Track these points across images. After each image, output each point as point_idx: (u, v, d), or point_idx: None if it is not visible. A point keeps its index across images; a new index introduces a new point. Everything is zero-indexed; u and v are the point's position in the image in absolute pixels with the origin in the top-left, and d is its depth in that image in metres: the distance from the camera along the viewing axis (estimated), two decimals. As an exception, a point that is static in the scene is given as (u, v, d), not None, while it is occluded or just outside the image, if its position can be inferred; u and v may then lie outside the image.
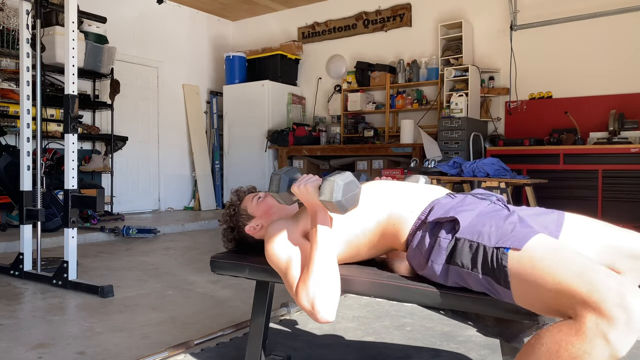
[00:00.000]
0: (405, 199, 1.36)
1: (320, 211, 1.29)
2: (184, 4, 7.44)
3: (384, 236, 1.36)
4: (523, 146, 5.21)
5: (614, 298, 0.91)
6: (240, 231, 1.61)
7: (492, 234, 1.13)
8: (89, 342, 2.02)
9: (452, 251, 1.18)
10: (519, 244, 1.08)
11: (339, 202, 1.20)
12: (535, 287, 1.03)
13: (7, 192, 4.80)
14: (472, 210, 1.24)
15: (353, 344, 2.02)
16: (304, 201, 1.32)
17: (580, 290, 0.95)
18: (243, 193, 1.66)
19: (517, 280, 1.06)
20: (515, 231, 1.12)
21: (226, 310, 2.47)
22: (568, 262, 1.01)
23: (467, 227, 1.18)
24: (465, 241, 1.16)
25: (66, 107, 2.84)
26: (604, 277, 0.96)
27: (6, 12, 5.19)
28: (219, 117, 7.77)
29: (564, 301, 0.97)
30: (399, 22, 6.61)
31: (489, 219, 1.19)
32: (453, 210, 1.24)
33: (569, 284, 0.97)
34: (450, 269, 1.18)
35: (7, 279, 3.11)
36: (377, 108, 6.65)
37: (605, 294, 0.92)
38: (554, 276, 1.00)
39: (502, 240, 1.10)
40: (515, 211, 1.27)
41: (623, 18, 5.14)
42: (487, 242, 1.12)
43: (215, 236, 5.17)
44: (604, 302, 0.91)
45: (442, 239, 1.20)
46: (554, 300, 0.99)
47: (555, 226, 1.27)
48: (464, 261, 1.15)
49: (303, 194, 1.29)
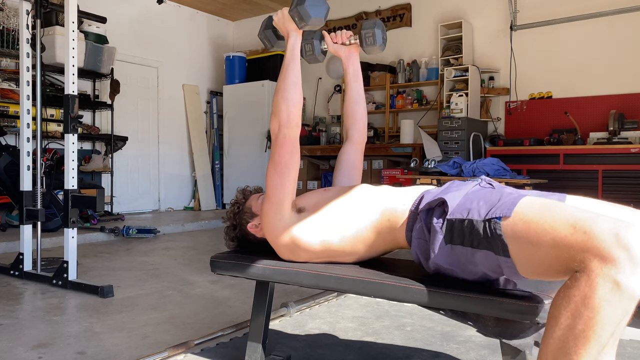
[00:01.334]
0: (395, 194, 1.39)
1: (291, 34, 1.49)
2: (184, 4, 7.44)
3: (380, 234, 1.36)
4: (523, 146, 5.21)
5: (610, 239, 0.90)
6: (243, 229, 1.61)
7: (482, 207, 1.13)
8: (89, 342, 2.02)
9: (449, 232, 1.17)
10: (508, 211, 1.07)
11: (302, 8, 1.41)
12: (534, 249, 1.02)
13: (7, 192, 4.80)
14: (459, 190, 1.24)
15: (353, 344, 2.01)
16: (280, 29, 1.53)
17: (576, 239, 0.94)
18: (249, 192, 1.68)
19: (515, 247, 1.06)
20: (502, 199, 1.12)
21: (226, 310, 2.47)
22: (559, 215, 1.01)
23: (456, 207, 1.18)
24: (458, 220, 1.16)
25: (66, 107, 2.84)
26: (596, 221, 0.95)
27: (6, 12, 5.19)
28: (219, 117, 7.77)
29: (564, 255, 0.96)
30: (399, 22, 6.61)
31: (476, 196, 1.19)
32: (442, 193, 1.25)
33: (564, 236, 0.96)
34: (454, 250, 1.17)
35: (7, 279, 3.11)
36: (377, 108, 6.65)
37: (602, 237, 0.91)
38: (548, 232, 0.99)
39: (491, 212, 1.10)
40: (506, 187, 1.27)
41: (623, 18, 5.14)
42: (477, 217, 1.12)
43: (215, 236, 5.17)
44: (602, 246, 0.90)
45: (435, 224, 1.20)
46: (554, 257, 0.99)
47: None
48: (462, 240, 1.15)
49: (279, 19, 1.51)
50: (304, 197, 1.52)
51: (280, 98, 1.42)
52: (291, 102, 1.41)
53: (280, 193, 1.42)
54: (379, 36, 1.60)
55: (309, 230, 1.42)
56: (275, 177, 1.41)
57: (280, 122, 1.41)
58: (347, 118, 1.77)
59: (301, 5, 1.42)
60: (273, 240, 1.49)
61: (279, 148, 1.41)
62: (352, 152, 1.76)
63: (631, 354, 1.85)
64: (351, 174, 1.73)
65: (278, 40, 1.59)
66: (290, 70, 1.45)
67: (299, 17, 1.44)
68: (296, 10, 1.43)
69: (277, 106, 1.42)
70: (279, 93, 1.43)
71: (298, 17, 1.44)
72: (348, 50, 1.71)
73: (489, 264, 1.13)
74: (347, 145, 1.76)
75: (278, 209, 1.43)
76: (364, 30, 1.63)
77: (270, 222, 1.46)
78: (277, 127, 1.41)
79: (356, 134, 1.76)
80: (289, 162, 1.41)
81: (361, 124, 1.77)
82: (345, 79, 1.77)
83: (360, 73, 1.76)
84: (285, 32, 1.51)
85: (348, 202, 1.43)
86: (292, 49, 1.48)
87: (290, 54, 1.47)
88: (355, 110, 1.76)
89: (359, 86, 1.76)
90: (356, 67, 1.75)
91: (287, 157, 1.41)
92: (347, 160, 1.75)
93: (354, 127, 1.76)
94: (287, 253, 1.48)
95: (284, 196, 1.42)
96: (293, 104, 1.41)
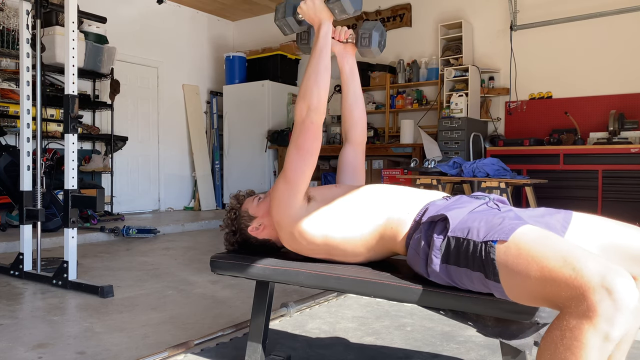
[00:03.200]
0: (402, 201, 1.38)
1: (324, 23, 1.49)
2: (184, 4, 7.44)
3: (382, 239, 1.36)
4: (523, 146, 5.21)
5: (596, 280, 0.90)
6: (243, 233, 1.60)
7: (481, 228, 1.13)
8: (89, 342, 2.02)
9: (447, 251, 1.18)
10: (506, 236, 1.07)
11: (346, 0, 1.44)
12: (522, 277, 1.02)
13: (7, 192, 4.80)
14: (464, 208, 1.24)
15: (353, 344, 2.02)
16: (309, 17, 1.52)
17: (564, 274, 0.94)
18: (242, 197, 1.66)
19: (505, 272, 1.06)
20: (504, 224, 1.11)
21: (226, 310, 2.47)
22: (552, 248, 1.01)
23: (457, 224, 1.18)
24: (456, 239, 1.16)
25: (66, 107, 2.84)
26: (587, 259, 0.95)
27: (6, 12, 5.19)
28: (219, 117, 7.77)
29: (550, 289, 0.96)
30: (399, 22, 6.61)
31: (479, 215, 1.19)
32: (445, 209, 1.25)
33: (553, 267, 0.96)
34: (448, 268, 1.18)
35: (7, 279, 3.11)
36: (377, 108, 6.65)
37: (588, 278, 0.91)
38: (538, 263, 0.99)
39: (489, 234, 1.10)
40: (513, 209, 1.27)
41: (623, 18, 5.14)
42: (476, 238, 1.12)
43: (215, 236, 5.17)
44: (587, 286, 0.90)
45: (435, 238, 1.20)
46: (540, 288, 0.99)
47: (562, 225, 1.26)
48: (457, 259, 1.15)
49: (310, 8, 1.51)
50: (316, 189, 1.53)
51: (313, 82, 1.41)
52: (323, 87, 1.41)
53: (300, 176, 1.41)
54: (375, 39, 1.60)
55: (314, 222, 1.42)
56: (297, 159, 1.41)
57: (310, 106, 1.39)
58: (346, 119, 1.75)
59: None
60: (279, 223, 1.48)
61: (305, 132, 1.41)
62: (353, 154, 1.74)
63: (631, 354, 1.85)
64: (354, 175, 1.72)
65: (299, 26, 1.62)
66: (324, 55, 1.45)
67: (340, 9, 1.49)
68: (339, 2, 1.48)
69: (309, 90, 1.40)
70: (312, 77, 1.42)
71: (339, 9, 1.49)
72: (344, 48, 1.70)
73: (480, 285, 1.14)
74: (348, 147, 1.75)
75: (294, 192, 1.42)
76: (362, 30, 1.64)
77: (281, 204, 1.45)
78: (304, 111, 1.40)
79: (356, 135, 1.74)
80: (311, 147, 1.41)
81: (360, 124, 1.74)
82: (342, 78, 1.74)
83: (357, 72, 1.74)
84: (317, 20, 1.51)
85: (355, 203, 1.43)
86: (325, 36, 1.49)
87: (324, 40, 1.48)
88: (354, 110, 1.74)
89: (356, 85, 1.74)
90: (352, 66, 1.73)
91: (310, 142, 1.41)
92: (349, 163, 1.73)
93: (354, 128, 1.74)
94: (290, 241, 1.48)
95: (302, 180, 1.42)
96: (325, 89, 1.42)
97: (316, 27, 1.51)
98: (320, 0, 1.51)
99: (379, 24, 1.61)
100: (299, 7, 1.55)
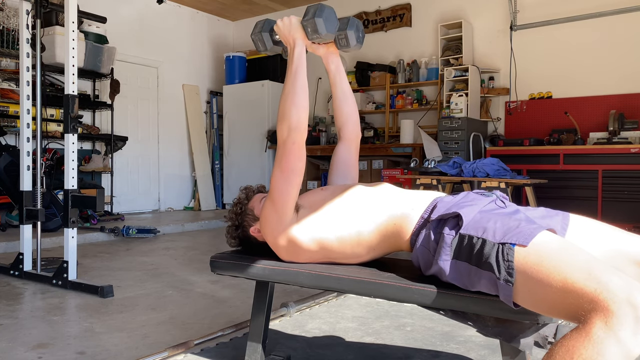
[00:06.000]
0: (405, 198, 1.38)
1: (297, 43, 1.48)
2: (184, 4, 7.44)
3: (384, 237, 1.36)
4: (523, 146, 5.21)
5: (622, 296, 0.89)
6: (245, 231, 1.61)
7: (498, 229, 1.12)
8: (89, 342, 2.02)
9: (458, 247, 1.17)
10: (525, 241, 1.06)
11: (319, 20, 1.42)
12: (542, 285, 1.01)
13: (7, 192, 4.80)
14: (475, 205, 1.24)
15: (353, 344, 2.01)
16: (284, 36, 1.51)
17: (588, 287, 0.93)
18: (252, 192, 1.66)
19: (522, 277, 1.05)
20: (521, 227, 1.11)
21: (226, 310, 2.47)
22: (575, 260, 1.00)
23: (470, 222, 1.17)
24: (470, 237, 1.15)
25: (66, 107, 2.84)
26: (612, 274, 0.94)
27: (6, 12, 5.19)
28: (219, 117, 7.77)
29: (571, 300, 0.95)
30: (399, 22, 6.61)
31: (493, 216, 1.18)
32: (456, 206, 1.24)
33: (576, 281, 0.95)
34: (457, 265, 1.17)
35: (7, 279, 3.11)
36: (377, 108, 6.65)
37: (614, 292, 0.90)
38: (560, 273, 0.98)
39: (507, 236, 1.09)
40: (520, 210, 1.26)
41: (623, 18, 5.14)
42: (492, 238, 1.11)
43: (215, 236, 5.17)
44: (612, 301, 0.89)
45: (446, 235, 1.19)
46: (561, 299, 0.98)
47: (561, 228, 1.26)
48: (469, 256, 1.14)
49: (286, 25, 1.50)
50: (302, 196, 1.52)
51: (290, 103, 1.40)
52: (301, 107, 1.40)
53: (286, 197, 1.41)
54: (352, 37, 1.57)
55: (305, 229, 1.42)
56: (281, 181, 1.41)
57: (290, 127, 1.39)
58: (337, 117, 1.76)
59: (318, 17, 1.43)
60: (272, 243, 1.49)
61: (287, 154, 1.40)
62: (346, 150, 1.74)
63: (631, 354, 1.85)
64: (347, 173, 1.72)
65: (274, 45, 1.59)
66: (299, 75, 1.44)
67: (312, 28, 1.46)
68: (312, 21, 1.44)
69: (287, 111, 1.40)
70: (289, 98, 1.41)
71: (312, 28, 1.46)
72: (327, 49, 1.68)
73: (488, 285, 1.13)
74: (341, 144, 1.76)
75: (280, 212, 1.43)
76: (337, 32, 1.60)
77: (271, 225, 1.46)
78: (286, 132, 1.39)
79: (348, 131, 1.75)
80: (295, 167, 1.41)
81: (351, 121, 1.75)
82: (329, 77, 1.74)
83: (343, 70, 1.75)
84: (291, 39, 1.49)
85: (347, 203, 1.42)
86: (299, 56, 1.48)
87: (298, 60, 1.47)
88: (344, 107, 1.75)
89: (343, 83, 1.74)
90: (337, 64, 1.72)
91: (294, 162, 1.40)
92: (341, 159, 1.74)
93: (346, 125, 1.75)
94: (287, 254, 1.48)
95: (288, 200, 1.42)
96: (303, 109, 1.41)
97: (290, 47, 1.50)
98: (297, 20, 1.49)
99: (351, 19, 1.56)
100: (276, 25, 1.54)
